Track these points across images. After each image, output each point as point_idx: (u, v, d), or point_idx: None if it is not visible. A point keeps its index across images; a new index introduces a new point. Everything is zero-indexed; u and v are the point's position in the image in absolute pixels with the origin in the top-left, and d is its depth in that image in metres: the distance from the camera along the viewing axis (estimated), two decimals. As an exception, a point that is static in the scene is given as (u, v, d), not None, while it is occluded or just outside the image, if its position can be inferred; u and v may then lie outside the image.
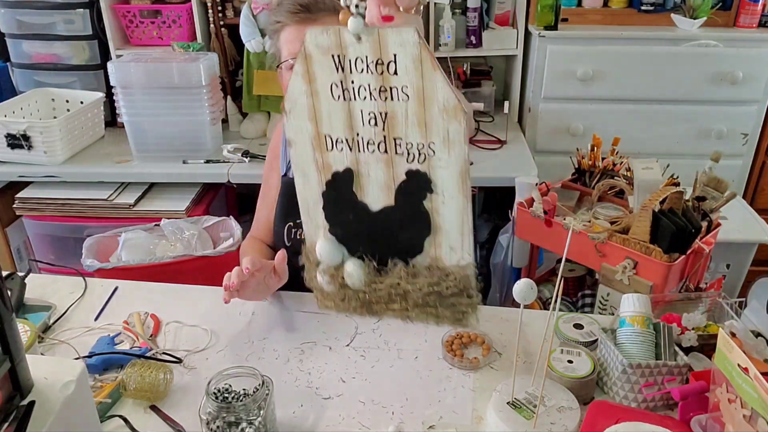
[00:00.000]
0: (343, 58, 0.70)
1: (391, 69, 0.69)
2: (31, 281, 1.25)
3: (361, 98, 0.72)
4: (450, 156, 0.71)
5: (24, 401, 0.65)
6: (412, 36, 0.67)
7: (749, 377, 0.74)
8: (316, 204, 0.79)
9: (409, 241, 0.77)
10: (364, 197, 0.77)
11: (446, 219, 0.75)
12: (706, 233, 1.42)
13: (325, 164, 0.77)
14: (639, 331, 0.97)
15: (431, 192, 0.74)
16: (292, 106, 0.75)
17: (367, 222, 0.77)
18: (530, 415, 0.88)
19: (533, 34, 2.21)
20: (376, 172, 0.75)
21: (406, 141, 0.72)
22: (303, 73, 0.72)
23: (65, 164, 2.11)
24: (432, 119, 0.70)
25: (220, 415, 0.83)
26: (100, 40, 2.27)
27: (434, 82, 0.68)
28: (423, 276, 0.77)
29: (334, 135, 0.75)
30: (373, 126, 0.73)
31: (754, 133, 2.27)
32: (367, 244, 0.79)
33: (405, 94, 0.70)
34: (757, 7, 2.16)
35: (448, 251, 0.77)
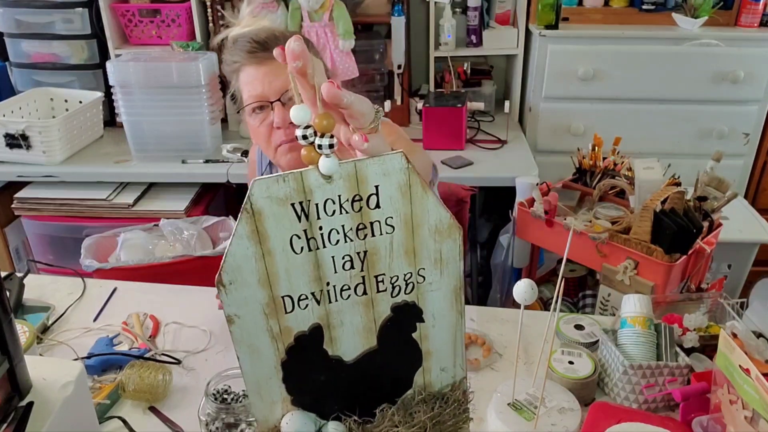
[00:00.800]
0: (307, 204, 0.56)
1: (372, 203, 0.57)
2: (29, 282, 1.25)
3: (332, 243, 0.58)
4: (443, 277, 0.61)
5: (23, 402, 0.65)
6: (399, 162, 0.56)
7: (750, 378, 0.73)
8: (270, 380, 0.64)
9: (397, 380, 0.66)
10: (337, 350, 0.63)
11: (436, 342, 0.65)
12: (708, 233, 1.42)
13: (284, 329, 0.61)
14: (640, 331, 0.97)
15: (422, 321, 0.63)
16: (234, 277, 0.58)
17: (344, 376, 0.65)
18: (531, 417, 0.88)
19: (534, 33, 2.21)
20: (351, 317, 0.62)
21: (390, 275, 0.61)
22: (249, 234, 0.56)
23: (64, 164, 2.10)
24: (422, 244, 0.60)
25: (220, 416, 0.83)
26: (99, 39, 2.26)
27: (425, 205, 0.58)
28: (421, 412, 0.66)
29: (295, 294, 0.60)
30: (348, 270, 0.60)
31: (755, 133, 2.26)
32: (344, 401, 0.66)
33: (390, 226, 0.59)
34: (759, 6, 2.16)
35: (438, 374, 0.67)
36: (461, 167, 2.04)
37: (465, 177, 1.95)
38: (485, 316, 1.18)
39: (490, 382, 1.00)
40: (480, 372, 1.03)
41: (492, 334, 1.10)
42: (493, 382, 0.99)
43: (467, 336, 1.09)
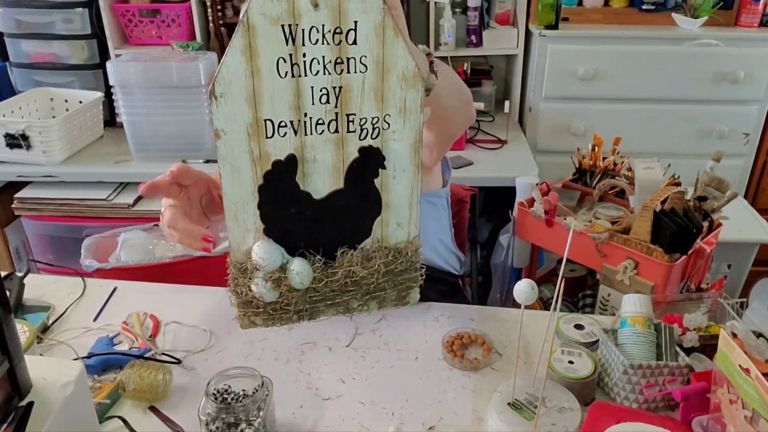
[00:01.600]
0: (295, 28, 0.62)
1: (350, 38, 0.63)
2: (29, 281, 1.25)
3: (312, 73, 0.64)
4: (405, 126, 0.67)
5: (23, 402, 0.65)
6: (376, 1, 0.62)
7: (750, 378, 0.73)
8: (247, 204, 0.69)
9: (358, 226, 0.72)
10: (308, 185, 0.69)
11: (396, 194, 0.71)
12: (708, 233, 1.42)
13: (263, 154, 0.67)
14: (640, 331, 0.97)
15: (384, 168, 0.69)
16: (225, 89, 0.63)
17: (311, 213, 0.70)
18: (531, 416, 0.88)
19: (534, 33, 2.21)
20: (323, 155, 0.68)
21: (359, 116, 0.67)
22: (243, 48, 0.62)
23: (64, 164, 2.10)
24: (389, 90, 0.65)
25: (220, 416, 0.83)
26: (99, 39, 2.26)
27: (395, 49, 0.63)
28: (377, 258, 0.73)
29: (276, 119, 0.66)
30: (324, 104, 0.66)
31: (755, 133, 2.26)
32: (310, 239, 0.72)
33: (363, 65, 0.64)
34: (758, 6, 2.16)
35: (395, 228, 0.73)
36: (461, 167, 2.04)
37: (465, 177, 1.95)
38: (485, 316, 1.18)
39: (490, 382, 1.00)
40: (480, 372, 1.03)
41: (492, 334, 1.10)
42: (493, 382, 0.99)
43: (467, 335, 1.09)
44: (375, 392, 0.99)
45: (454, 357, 1.04)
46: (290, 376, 1.02)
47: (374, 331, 1.13)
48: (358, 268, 0.72)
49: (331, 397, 0.98)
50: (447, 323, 1.15)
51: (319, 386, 1.00)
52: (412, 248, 0.74)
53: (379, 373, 1.03)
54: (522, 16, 2.28)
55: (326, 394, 0.98)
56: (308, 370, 1.04)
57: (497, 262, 1.97)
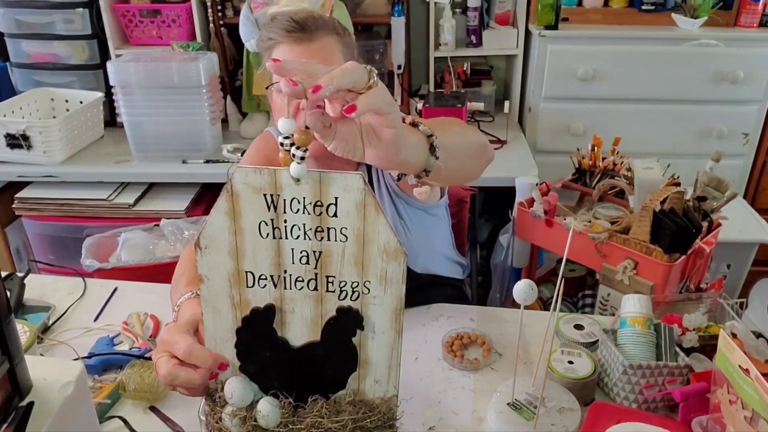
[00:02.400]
0: (276, 198, 0.65)
1: (331, 211, 0.65)
2: (30, 281, 1.25)
3: (293, 237, 0.67)
4: (386, 294, 0.68)
5: (23, 402, 0.65)
6: (357, 182, 0.63)
7: (750, 378, 0.73)
8: (225, 341, 0.72)
9: (333, 377, 0.73)
10: (286, 333, 0.71)
11: (374, 354, 0.72)
12: (707, 233, 1.42)
13: (243, 300, 0.70)
14: (640, 331, 0.97)
15: (362, 329, 0.70)
16: (209, 243, 0.67)
17: (287, 358, 0.72)
18: (531, 416, 0.88)
19: (534, 33, 2.21)
20: (302, 308, 0.70)
21: (339, 279, 0.68)
22: (227, 210, 0.66)
23: (64, 164, 2.10)
24: (370, 259, 0.67)
25: (220, 417, 0.83)
26: (100, 39, 2.26)
27: (376, 226, 0.65)
28: (347, 412, 0.72)
29: (257, 272, 0.69)
30: (304, 264, 0.68)
31: (754, 133, 2.26)
32: (284, 381, 0.73)
33: (343, 235, 0.66)
34: (758, 6, 2.16)
35: (372, 384, 0.73)
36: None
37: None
38: (485, 316, 1.18)
39: (490, 382, 1.00)
40: (480, 372, 1.03)
41: (492, 334, 1.10)
42: (493, 382, 0.99)
43: (467, 336, 1.09)
44: (375, 392, 0.98)
45: (454, 357, 1.04)
46: (290, 376, 1.02)
47: (374, 331, 1.13)
48: (326, 420, 0.71)
49: (331, 397, 0.97)
50: (447, 323, 1.15)
51: (319, 386, 1.00)
52: (387, 407, 0.74)
53: (379, 373, 1.03)
54: (522, 17, 2.28)
55: (326, 394, 0.98)
56: (308, 370, 1.03)
57: (497, 262, 1.97)
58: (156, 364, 0.75)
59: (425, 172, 0.77)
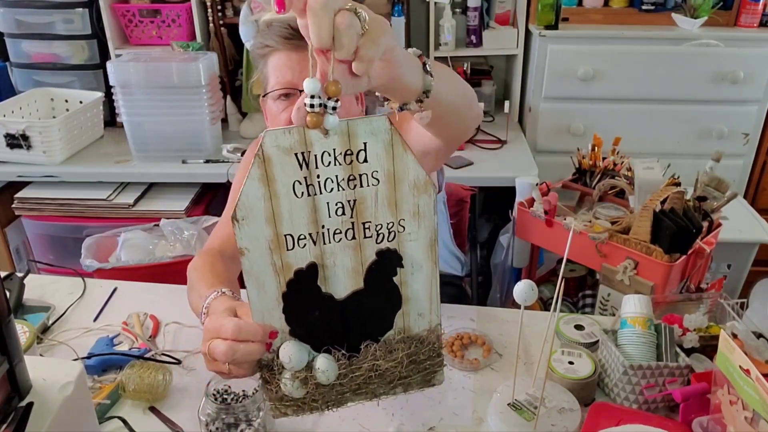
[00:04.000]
0: (307, 155, 0.66)
1: (361, 157, 0.67)
2: (30, 282, 1.25)
3: (327, 190, 0.68)
4: (420, 228, 0.71)
5: (22, 402, 0.65)
6: (383, 124, 0.65)
7: (751, 379, 0.73)
8: (273, 310, 0.73)
9: (380, 320, 0.75)
10: (329, 288, 0.73)
11: (414, 289, 0.74)
12: (707, 233, 1.42)
13: (285, 265, 0.71)
14: (640, 332, 0.97)
15: (402, 267, 0.72)
16: (246, 213, 0.68)
17: (334, 312, 0.74)
18: (531, 417, 0.88)
19: (534, 33, 2.21)
20: (342, 260, 0.72)
21: (375, 223, 0.70)
22: (260, 177, 0.66)
23: (64, 164, 2.10)
24: (402, 197, 0.69)
25: (220, 417, 0.83)
26: (100, 39, 2.26)
27: (405, 162, 0.67)
28: (399, 350, 0.75)
29: (296, 233, 0.70)
30: (340, 216, 0.70)
31: (755, 133, 2.26)
32: (334, 336, 0.75)
33: (375, 179, 0.68)
34: (758, 6, 2.16)
35: (416, 318, 0.76)
36: (461, 167, 2.04)
37: (465, 177, 1.95)
38: (485, 316, 1.18)
39: (490, 382, 1.00)
40: (480, 372, 1.03)
41: (492, 334, 1.10)
42: (493, 383, 0.99)
43: (467, 336, 1.09)
44: (375, 392, 0.98)
45: (454, 357, 1.04)
46: (290, 376, 1.02)
47: (374, 331, 1.13)
48: (382, 362, 0.75)
49: (331, 398, 0.97)
50: (447, 323, 1.15)
51: (319, 386, 1.00)
52: (434, 336, 0.77)
53: (379, 374, 1.03)
54: (522, 17, 2.28)
55: (326, 394, 0.98)
56: (308, 370, 1.03)
57: (497, 262, 1.97)
58: (210, 348, 0.75)
59: (425, 94, 0.76)
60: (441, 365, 0.78)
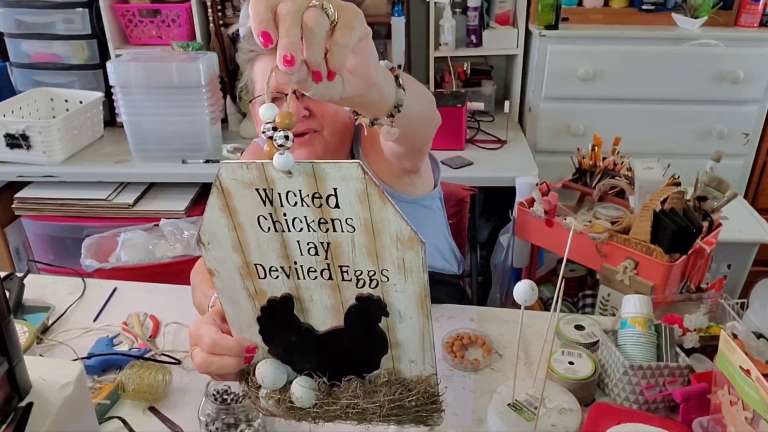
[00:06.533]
0: (270, 191, 0.59)
1: (332, 202, 0.59)
2: (29, 282, 1.25)
3: (296, 229, 0.61)
4: (407, 282, 0.63)
5: (22, 403, 0.65)
6: (355, 171, 0.57)
7: (751, 379, 0.73)
8: (250, 327, 0.69)
9: (364, 359, 0.70)
10: (308, 319, 0.67)
11: (405, 336, 0.67)
12: (707, 233, 1.42)
13: (258, 291, 0.67)
14: (640, 332, 0.97)
15: (386, 316, 0.65)
16: (211, 238, 0.64)
17: (314, 342, 0.69)
18: (531, 417, 0.88)
19: (534, 33, 2.21)
20: (320, 296, 0.66)
21: (354, 269, 0.63)
22: (221, 207, 0.61)
23: (64, 164, 2.10)
24: (384, 249, 0.61)
25: (220, 417, 0.83)
26: (100, 39, 2.26)
27: (385, 215, 0.59)
28: (382, 393, 0.69)
29: (266, 264, 0.65)
30: (313, 255, 0.63)
31: (755, 133, 2.26)
32: (314, 363, 0.70)
33: (350, 226, 0.60)
34: (758, 6, 2.16)
35: (408, 364, 0.70)
36: (461, 167, 2.04)
37: (465, 177, 1.95)
38: (485, 316, 1.18)
39: (490, 383, 1.00)
40: (480, 372, 1.03)
41: (492, 334, 1.10)
42: (493, 383, 0.99)
43: (467, 336, 1.09)
44: (375, 393, 0.98)
45: (454, 357, 1.04)
46: (290, 376, 1.02)
47: (374, 331, 1.13)
48: (361, 401, 0.69)
49: (331, 398, 0.97)
50: (447, 323, 1.15)
51: (319, 387, 1.00)
52: (426, 385, 0.70)
53: (379, 374, 1.03)
54: (522, 17, 2.28)
55: (326, 394, 0.98)
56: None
57: (497, 262, 1.97)
58: (191, 355, 0.75)
59: (396, 108, 0.75)
60: (438, 410, 0.71)
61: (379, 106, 0.73)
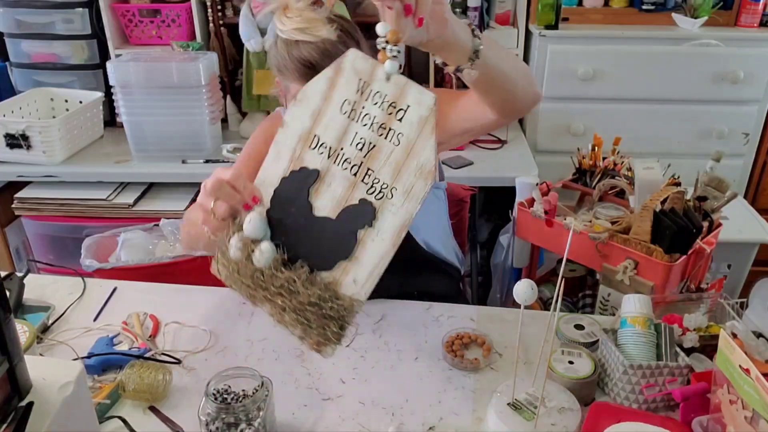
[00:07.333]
0: (366, 85, 0.77)
1: (399, 116, 0.76)
2: (29, 281, 1.25)
3: (361, 123, 0.78)
4: (403, 206, 0.78)
5: (22, 402, 0.65)
6: (430, 100, 0.75)
7: (750, 378, 0.73)
8: (270, 183, 0.84)
9: (325, 256, 0.82)
10: (314, 200, 0.82)
11: (367, 254, 0.80)
12: (708, 233, 1.42)
13: (299, 157, 0.82)
14: (640, 331, 0.97)
15: (370, 226, 0.79)
16: (304, 97, 0.80)
17: (304, 220, 0.82)
18: (531, 416, 0.88)
19: (534, 33, 2.21)
20: (337, 186, 0.80)
21: (376, 175, 0.79)
22: (330, 78, 0.79)
23: (64, 164, 2.10)
24: (406, 170, 0.77)
25: (220, 416, 0.83)
26: (99, 39, 2.26)
27: (426, 144, 0.76)
28: (318, 287, 0.81)
29: (322, 138, 0.80)
30: (357, 149, 0.79)
31: (755, 133, 2.26)
32: (290, 238, 0.83)
33: (398, 140, 0.77)
34: (758, 6, 2.16)
35: (350, 282, 0.81)
36: (461, 167, 2.04)
37: (465, 177, 1.95)
38: (485, 316, 1.18)
39: (490, 382, 1.00)
40: (480, 372, 1.03)
41: (492, 334, 1.10)
42: (493, 382, 0.99)
43: (467, 336, 1.09)
44: (375, 392, 0.99)
45: (454, 357, 1.04)
46: (290, 376, 1.02)
47: (374, 331, 1.13)
48: (299, 284, 0.81)
49: (331, 397, 0.98)
50: (447, 323, 1.15)
51: (319, 386, 1.00)
52: (348, 306, 0.81)
53: (379, 373, 1.03)
54: (522, 17, 2.28)
55: (326, 394, 0.98)
56: (308, 370, 1.04)
57: (497, 262, 1.97)
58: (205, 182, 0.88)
59: (475, 54, 0.89)
60: (337, 341, 0.82)
61: (457, 48, 0.88)
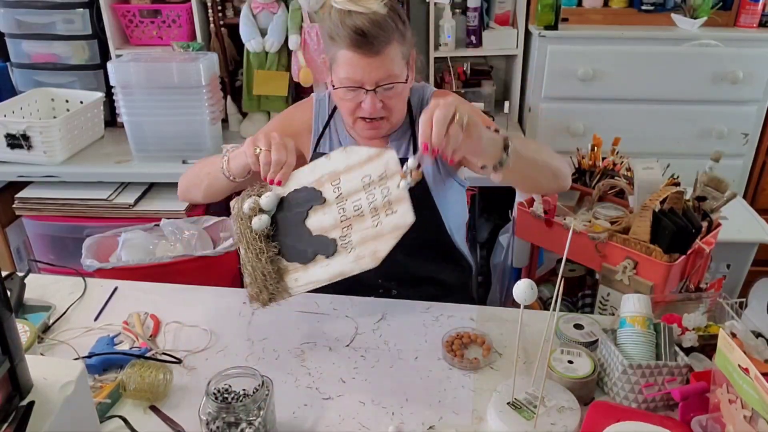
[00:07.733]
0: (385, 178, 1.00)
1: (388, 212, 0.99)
2: (30, 281, 1.25)
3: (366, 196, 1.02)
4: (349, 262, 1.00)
5: (23, 402, 0.65)
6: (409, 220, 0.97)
7: (750, 378, 0.74)
8: (297, 182, 1.08)
9: (294, 252, 1.06)
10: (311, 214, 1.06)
11: (313, 270, 1.03)
12: (707, 233, 1.42)
13: (321, 183, 1.06)
14: (639, 331, 0.97)
15: (327, 257, 1.03)
16: (351, 151, 1.04)
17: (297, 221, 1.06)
18: (530, 416, 0.88)
19: (533, 33, 2.21)
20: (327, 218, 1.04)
21: (351, 232, 1.01)
22: (370, 155, 1.02)
23: (65, 164, 2.11)
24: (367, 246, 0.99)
25: (220, 416, 0.83)
26: (100, 39, 2.26)
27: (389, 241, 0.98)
28: (274, 266, 1.05)
29: (341, 184, 1.04)
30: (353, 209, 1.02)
31: (754, 133, 2.26)
32: (283, 224, 1.07)
33: (377, 225, 0.99)
34: (758, 6, 2.16)
35: (294, 278, 1.05)
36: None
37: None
38: (485, 315, 1.18)
39: (490, 382, 1.00)
40: (480, 371, 1.03)
41: (492, 334, 1.11)
42: (493, 382, 0.99)
43: (467, 335, 1.09)
44: (375, 392, 0.99)
45: (454, 357, 1.04)
46: (290, 375, 1.03)
47: (374, 330, 1.13)
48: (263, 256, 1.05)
49: (332, 397, 0.98)
50: (447, 323, 1.15)
51: (319, 386, 1.00)
52: (282, 291, 1.06)
53: (379, 373, 1.03)
54: (521, 17, 2.28)
55: (326, 393, 0.99)
56: (308, 369, 1.04)
57: (497, 262, 1.97)
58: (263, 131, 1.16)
59: (499, 164, 1.05)
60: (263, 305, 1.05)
61: (484, 155, 1.05)
